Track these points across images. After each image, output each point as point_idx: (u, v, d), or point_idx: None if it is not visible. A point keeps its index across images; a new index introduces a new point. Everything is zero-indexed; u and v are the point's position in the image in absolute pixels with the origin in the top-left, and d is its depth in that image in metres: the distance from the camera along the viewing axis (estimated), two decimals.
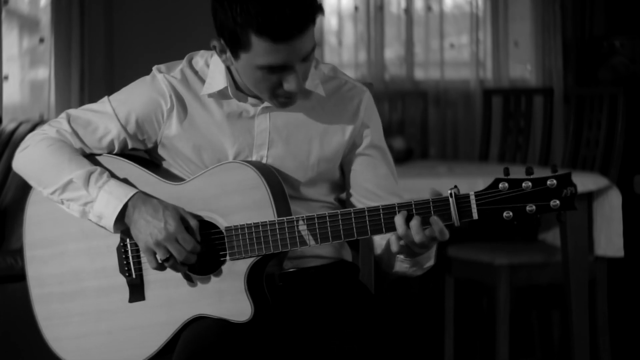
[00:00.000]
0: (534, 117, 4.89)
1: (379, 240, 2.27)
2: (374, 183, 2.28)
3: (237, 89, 2.21)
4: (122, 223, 2.16)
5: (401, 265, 2.19)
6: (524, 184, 1.97)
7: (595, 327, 3.99)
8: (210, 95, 2.22)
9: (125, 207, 2.14)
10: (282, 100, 2.14)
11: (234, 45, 2.07)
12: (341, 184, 2.33)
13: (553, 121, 4.90)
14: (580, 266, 3.77)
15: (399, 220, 2.02)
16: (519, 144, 4.79)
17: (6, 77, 4.47)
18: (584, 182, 3.72)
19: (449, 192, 2.01)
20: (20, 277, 2.41)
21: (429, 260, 2.20)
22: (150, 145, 2.27)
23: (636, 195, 4.30)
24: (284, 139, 2.22)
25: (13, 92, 4.55)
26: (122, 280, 2.22)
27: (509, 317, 3.97)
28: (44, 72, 4.61)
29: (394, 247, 2.05)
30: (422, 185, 3.46)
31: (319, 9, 2.06)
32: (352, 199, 2.30)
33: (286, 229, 2.09)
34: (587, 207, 3.82)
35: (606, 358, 4.03)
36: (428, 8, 5.20)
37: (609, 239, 3.88)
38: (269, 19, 1.99)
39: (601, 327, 4.01)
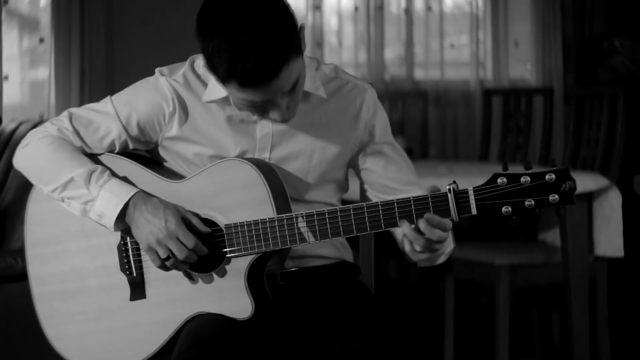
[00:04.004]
0: (534, 117, 4.89)
1: (400, 235, 2.25)
2: (388, 177, 2.28)
3: None
4: (122, 222, 2.16)
5: (420, 256, 2.13)
6: (522, 179, 1.97)
7: (595, 327, 3.98)
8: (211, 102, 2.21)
9: (126, 206, 2.14)
10: (274, 121, 2.12)
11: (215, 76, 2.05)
12: (344, 184, 2.32)
13: (553, 121, 4.90)
14: (580, 266, 3.76)
15: (406, 228, 2.01)
16: (519, 144, 4.79)
17: (6, 77, 4.46)
18: (584, 182, 3.71)
19: (447, 187, 2.01)
20: (20, 276, 2.41)
21: (449, 245, 2.18)
22: (151, 146, 2.27)
23: (636, 195, 4.30)
24: (286, 142, 2.22)
25: (13, 92, 4.55)
26: (123, 279, 2.22)
27: (509, 317, 3.96)
28: (44, 72, 4.61)
29: (417, 247, 2.03)
30: (422, 185, 3.46)
31: (293, 52, 2.00)
32: (369, 194, 2.30)
33: (285, 226, 2.09)
34: (587, 207, 3.81)
35: (606, 358, 4.02)
36: (428, 8, 5.20)
37: (609, 239, 3.88)
38: (233, 68, 1.96)
39: (601, 327, 4.01)
